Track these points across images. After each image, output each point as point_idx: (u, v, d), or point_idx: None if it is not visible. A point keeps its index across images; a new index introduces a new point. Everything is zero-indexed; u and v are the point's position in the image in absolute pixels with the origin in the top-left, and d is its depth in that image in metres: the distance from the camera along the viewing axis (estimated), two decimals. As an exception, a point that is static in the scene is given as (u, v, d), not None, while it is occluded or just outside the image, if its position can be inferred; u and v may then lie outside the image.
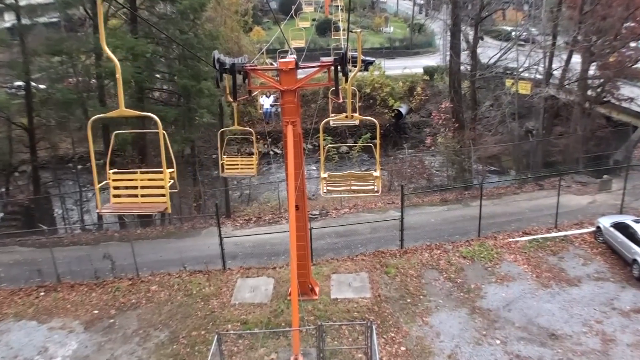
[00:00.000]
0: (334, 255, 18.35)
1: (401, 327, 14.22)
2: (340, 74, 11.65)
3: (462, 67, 29.94)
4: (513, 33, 36.39)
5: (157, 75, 23.78)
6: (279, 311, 15.00)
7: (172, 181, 7.37)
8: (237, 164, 14.99)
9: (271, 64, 18.62)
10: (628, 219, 17.52)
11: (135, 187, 7.54)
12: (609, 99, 28.38)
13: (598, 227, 18.54)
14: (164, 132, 6.68)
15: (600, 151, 27.01)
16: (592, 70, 28.15)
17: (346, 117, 11.53)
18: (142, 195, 7.48)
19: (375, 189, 10.51)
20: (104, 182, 7.46)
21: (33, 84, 24.18)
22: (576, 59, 29.41)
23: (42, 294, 17.31)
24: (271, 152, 40.04)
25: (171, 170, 7.36)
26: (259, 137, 39.03)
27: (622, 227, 17.25)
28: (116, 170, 7.70)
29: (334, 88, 12.69)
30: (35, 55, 22.03)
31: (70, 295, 17.19)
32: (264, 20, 62.15)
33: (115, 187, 7.66)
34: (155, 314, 15.73)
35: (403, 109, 44.42)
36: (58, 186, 29.04)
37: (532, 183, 24.99)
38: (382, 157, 34.56)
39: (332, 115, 17.65)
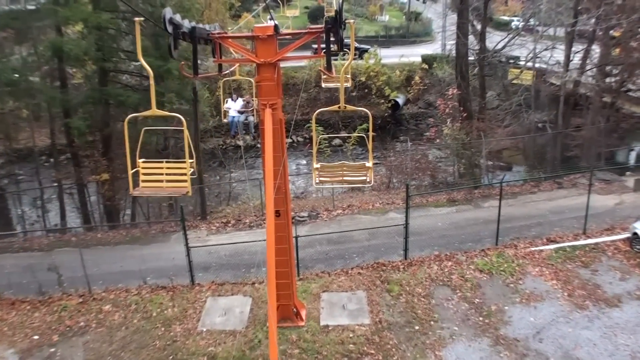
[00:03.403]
0: (324, 268, 15.43)
1: (409, 365, 11.39)
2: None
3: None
4: (513, 23, 34.00)
5: (122, 55, 20.59)
6: (255, 342, 12.08)
7: None
8: (161, 174, 8.36)
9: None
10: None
11: None
12: (630, 88, 25.71)
13: (634, 234, 15.79)
14: None
15: (623, 145, 24.29)
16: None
17: (339, 107, 9.39)
18: None
19: (368, 180, 9.61)
20: None
21: None
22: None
23: (-22, 312, 14.48)
24: (258, 145, 36.99)
25: None
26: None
27: (665, 235, 14.54)
28: None
29: (325, 63, 10.17)
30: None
31: (9, 315, 14.32)
32: (253, 7, 59.31)
33: None
34: (106, 342, 12.85)
35: (400, 100, 41.73)
36: (15, 183, 25.82)
37: (550, 181, 22.16)
38: (380, 151, 31.72)
39: (327, 81, 15.83)
